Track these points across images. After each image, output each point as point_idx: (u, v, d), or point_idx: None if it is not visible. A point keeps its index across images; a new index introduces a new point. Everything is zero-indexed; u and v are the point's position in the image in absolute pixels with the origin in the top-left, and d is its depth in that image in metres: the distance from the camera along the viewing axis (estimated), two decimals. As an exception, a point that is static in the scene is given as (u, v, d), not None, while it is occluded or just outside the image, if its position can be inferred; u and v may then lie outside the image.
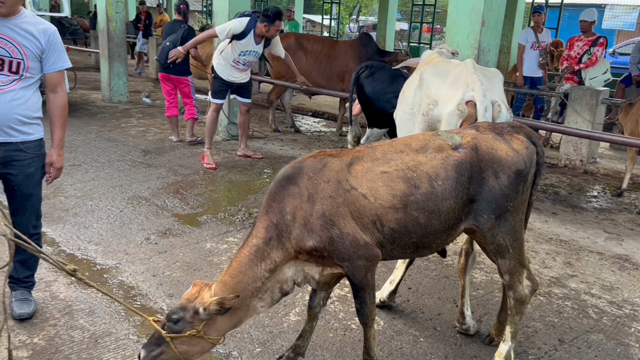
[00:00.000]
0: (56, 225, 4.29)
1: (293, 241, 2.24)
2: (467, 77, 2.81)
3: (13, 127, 2.78)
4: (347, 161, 2.32)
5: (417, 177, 2.27)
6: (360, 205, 2.24)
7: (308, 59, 8.11)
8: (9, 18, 2.72)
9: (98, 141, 7.05)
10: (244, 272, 2.24)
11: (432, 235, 2.33)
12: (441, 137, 2.39)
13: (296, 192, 2.25)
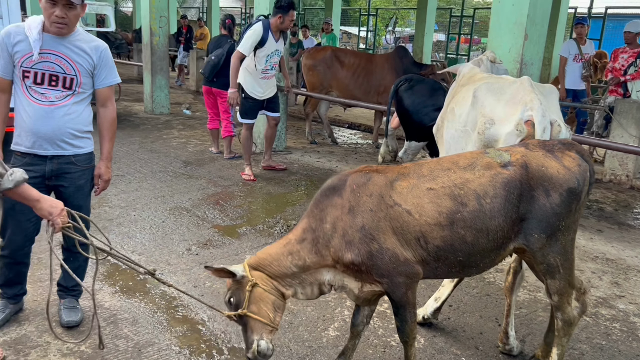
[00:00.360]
0: (100, 234, 4.40)
1: (331, 249, 2.30)
2: (524, 96, 2.76)
3: (66, 140, 2.88)
4: (392, 177, 2.33)
5: (465, 194, 2.25)
6: (404, 221, 2.23)
7: (345, 72, 8.16)
8: (65, 36, 2.83)
9: (141, 152, 7.24)
10: (272, 256, 2.40)
11: (479, 254, 2.29)
12: (489, 154, 2.36)
13: (338, 203, 2.31)
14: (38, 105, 2.81)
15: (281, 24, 5.83)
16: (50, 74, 2.80)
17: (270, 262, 2.39)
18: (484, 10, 21.18)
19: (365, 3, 25.76)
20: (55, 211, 2.26)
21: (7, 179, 1.86)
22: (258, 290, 2.35)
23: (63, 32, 2.76)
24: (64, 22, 2.72)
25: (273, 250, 2.43)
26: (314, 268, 2.36)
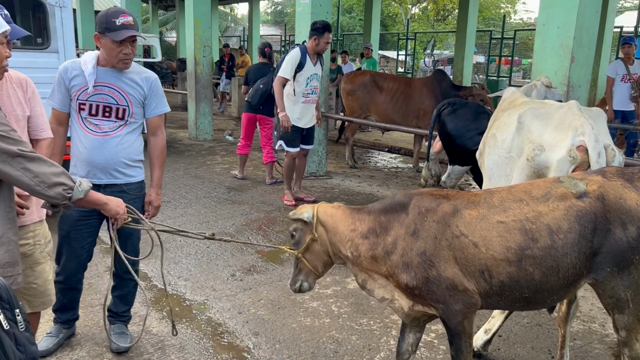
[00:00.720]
0: (148, 260, 4.49)
1: (388, 263, 2.29)
2: (574, 120, 2.70)
3: (118, 169, 2.98)
4: (462, 205, 2.25)
5: (537, 229, 2.13)
6: (469, 253, 2.16)
7: (383, 96, 8.20)
8: (118, 69, 2.95)
9: (186, 178, 7.40)
10: (338, 226, 2.44)
11: (547, 292, 2.18)
12: (564, 184, 2.23)
13: (404, 221, 2.28)
14: (93, 136, 2.92)
15: (316, 46, 5.86)
16: (104, 106, 2.92)
17: (333, 230, 2.44)
18: (525, 31, 20.94)
19: (404, 27, 25.88)
20: (121, 210, 2.44)
21: (77, 190, 1.99)
22: (316, 246, 2.47)
23: (128, 66, 2.90)
24: (129, 58, 2.86)
25: (340, 221, 2.45)
26: (368, 269, 2.39)
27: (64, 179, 1.98)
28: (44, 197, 1.99)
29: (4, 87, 2.40)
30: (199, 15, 10.10)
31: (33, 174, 1.88)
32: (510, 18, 30.63)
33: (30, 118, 2.52)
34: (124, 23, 2.78)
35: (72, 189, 1.99)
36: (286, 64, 5.84)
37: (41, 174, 1.90)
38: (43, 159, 1.93)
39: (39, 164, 1.90)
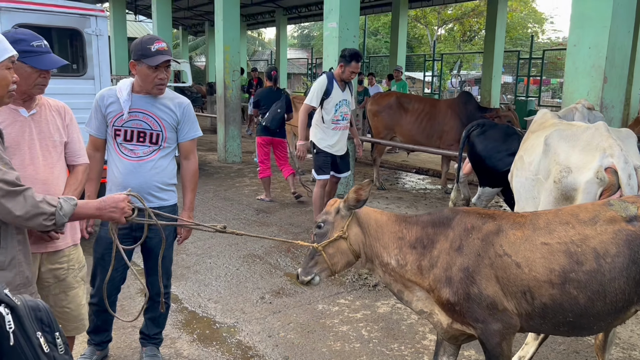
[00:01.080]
0: (179, 282, 4.56)
1: (431, 276, 2.27)
2: (602, 142, 2.66)
3: (152, 193, 3.04)
4: (507, 225, 2.25)
5: (582, 252, 2.10)
6: (511, 273, 2.15)
7: (408, 117, 8.21)
8: (152, 95, 3.03)
9: (215, 200, 7.49)
10: (383, 232, 2.40)
11: (593, 317, 2.12)
12: (614, 207, 2.19)
13: (450, 235, 2.29)
14: (127, 160, 2.99)
15: (342, 74, 5.70)
16: (138, 131, 3.00)
17: (377, 235, 2.40)
18: (553, 51, 20.74)
19: (430, 49, 25.94)
20: (117, 214, 2.21)
21: (59, 215, 1.94)
22: (343, 244, 2.41)
23: (163, 91, 2.98)
24: (164, 83, 2.95)
25: (386, 227, 2.41)
26: (408, 278, 2.35)
27: (43, 207, 1.90)
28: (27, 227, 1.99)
29: (42, 114, 2.49)
30: (228, 40, 10.32)
31: (6, 211, 1.85)
32: (538, 38, 30.42)
33: (68, 144, 2.60)
34: (158, 49, 2.87)
35: (54, 215, 1.93)
36: (312, 92, 5.72)
37: (15, 209, 1.85)
38: (17, 192, 1.86)
39: (12, 200, 1.84)
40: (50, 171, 2.47)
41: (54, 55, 2.43)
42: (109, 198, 2.21)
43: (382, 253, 2.39)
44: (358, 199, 2.40)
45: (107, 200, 2.19)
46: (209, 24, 24.64)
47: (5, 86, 1.93)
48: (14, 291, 1.96)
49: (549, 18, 33.31)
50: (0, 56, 1.90)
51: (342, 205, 2.44)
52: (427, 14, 29.29)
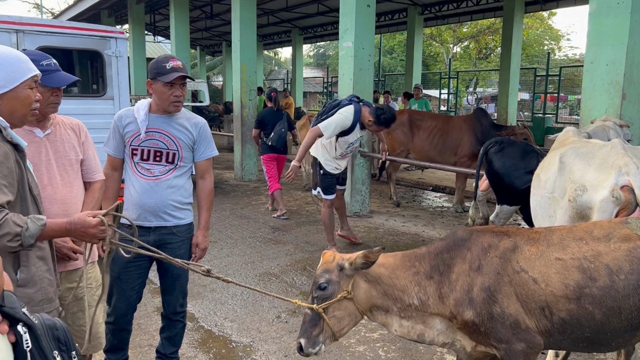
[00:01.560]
0: (195, 300, 4.56)
1: (452, 301, 2.24)
2: (617, 160, 2.63)
3: (168, 212, 3.06)
4: (521, 241, 2.25)
5: (595, 268, 2.10)
6: (529, 289, 2.14)
7: (421, 134, 8.20)
8: (168, 115, 3.06)
9: (232, 218, 7.52)
10: (397, 276, 2.33)
11: (610, 333, 2.11)
12: (630, 225, 2.19)
13: (467, 256, 2.27)
14: (144, 180, 3.02)
15: (370, 127, 5.57)
16: (155, 151, 3.03)
17: (392, 282, 2.31)
18: (570, 68, 20.61)
19: (445, 66, 25.97)
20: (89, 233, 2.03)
21: (25, 236, 1.85)
22: (350, 305, 2.28)
23: (179, 108, 3.01)
24: (179, 100, 2.98)
25: (398, 270, 2.32)
26: (430, 312, 2.29)
27: (7, 227, 1.82)
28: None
29: (57, 133, 2.53)
30: (245, 60, 10.46)
31: None
32: (555, 55, 30.30)
33: (84, 161, 2.64)
34: (173, 66, 2.91)
35: (20, 235, 1.84)
36: (333, 124, 5.36)
37: None
38: None
39: None
40: (69, 190, 2.50)
41: (64, 72, 2.45)
42: (79, 220, 2.02)
43: (402, 297, 2.30)
44: (366, 263, 2.28)
45: (76, 223, 2.01)
46: (226, 44, 25.03)
47: (28, 105, 1.97)
48: (36, 307, 1.99)
49: (566, 35, 33.17)
50: (24, 75, 1.94)
51: (348, 265, 2.29)
52: (442, 32, 29.39)
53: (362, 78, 7.63)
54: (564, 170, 2.85)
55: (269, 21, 20.54)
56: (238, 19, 10.38)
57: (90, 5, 17.40)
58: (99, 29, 5.84)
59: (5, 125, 1.86)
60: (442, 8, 16.18)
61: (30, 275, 1.98)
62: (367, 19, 7.54)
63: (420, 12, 16.65)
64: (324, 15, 18.78)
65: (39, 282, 2.02)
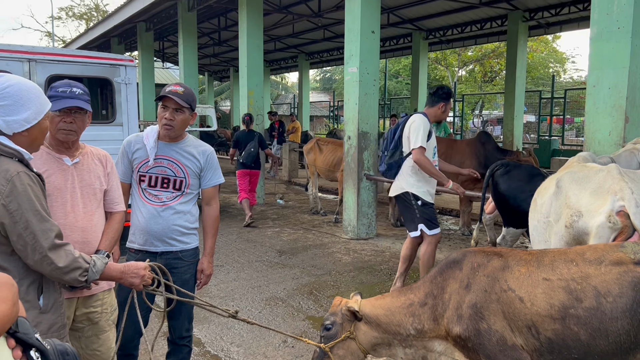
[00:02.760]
0: (202, 325, 4.56)
1: (445, 320, 2.35)
2: (613, 185, 2.64)
3: (174, 237, 3.09)
4: (513, 262, 2.32)
5: (582, 290, 2.12)
6: (515, 307, 2.20)
7: None
8: (176, 142, 3.11)
9: (238, 242, 7.54)
10: (392, 313, 2.49)
11: (597, 355, 2.11)
12: (625, 249, 2.18)
13: (458, 276, 2.38)
14: (151, 205, 3.06)
15: (442, 113, 5.22)
16: (162, 177, 3.07)
17: (388, 319, 2.49)
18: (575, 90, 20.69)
19: (451, 89, 26.12)
20: (137, 281, 2.30)
21: (92, 272, 2.01)
22: (353, 344, 2.49)
23: (170, 133, 3.01)
24: (171, 124, 2.98)
25: (393, 306, 2.52)
26: (429, 336, 2.43)
27: (80, 262, 1.99)
28: (61, 281, 2.05)
29: (85, 162, 2.59)
30: (252, 86, 10.61)
31: (49, 261, 1.92)
32: (560, 77, 30.43)
33: (107, 192, 2.68)
34: (171, 90, 2.96)
35: (87, 271, 2.01)
36: (418, 132, 4.95)
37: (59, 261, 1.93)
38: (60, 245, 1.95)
39: (56, 252, 1.93)
40: (90, 219, 2.54)
41: (72, 99, 2.44)
42: (132, 264, 2.30)
43: (399, 330, 2.49)
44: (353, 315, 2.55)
45: (130, 266, 2.27)
46: (233, 70, 25.40)
47: (45, 134, 2.08)
48: (55, 333, 2.03)
49: (570, 58, 33.34)
50: (47, 107, 2.02)
51: (345, 311, 2.56)
52: (447, 56, 29.66)
53: (368, 102, 7.72)
54: (560, 194, 2.86)
55: (276, 47, 20.87)
56: (245, 45, 10.56)
57: (100, 33, 17.79)
58: (109, 57, 5.97)
59: (29, 157, 1.94)
60: (447, 32, 16.39)
61: (52, 301, 2.04)
62: (372, 45, 7.65)
63: (425, 36, 16.87)
64: (329, 41, 19.07)
65: (60, 308, 2.08)
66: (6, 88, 1.89)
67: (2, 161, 1.87)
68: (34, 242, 1.88)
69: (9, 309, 1.17)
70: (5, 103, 1.88)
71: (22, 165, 1.92)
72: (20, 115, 1.91)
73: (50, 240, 1.90)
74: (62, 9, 39.93)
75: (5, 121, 1.89)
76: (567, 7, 13.18)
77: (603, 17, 4.44)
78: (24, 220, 1.87)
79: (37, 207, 1.90)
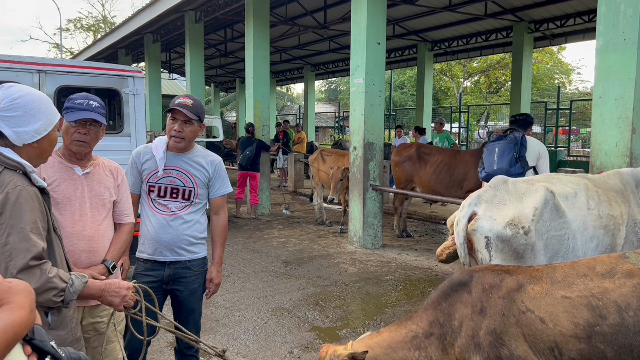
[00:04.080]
0: (208, 335, 4.56)
1: (457, 349, 2.19)
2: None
3: (183, 247, 3.11)
4: (524, 280, 2.21)
5: (604, 305, 2.06)
6: (537, 329, 2.10)
7: (427, 168, 8.24)
8: (185, 153, 3.14)
9: (244, 252, 7.55)
10: (393, 349, 2.27)
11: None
12: (630, 259, 2.17)
13: (469, 300, 2.21)
14: (160, 215, 3.08)
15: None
16: (171, 188, 3.09)
17: (390, 358, 2.27)
18: (581, 101, 20.68)
19: (456, 100, 26.17)
20: (117, 300, 2.14)
21: (69, 292, 1.91)
22: None
23: (179, 145, 3.05)
24: (180, 136, 3.02)
25: (393, 342, 2.29)
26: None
27: (56, 282, 1.86)
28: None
29: (96, 173, 2.62)
30: (258, 97, 10.68)
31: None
32: (566, 88, 30.41)
33: (117, 203, 2.70)
34: (180, 102, 2.99)
35: (64, 291, 1.90)
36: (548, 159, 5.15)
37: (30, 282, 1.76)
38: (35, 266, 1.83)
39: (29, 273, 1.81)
40: (97, 228, 2.56)
41: (88, 112, 2.49)
42: (114, 282, 2.15)
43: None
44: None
45: (112, 284, 2.13)
46: (239, 81, 25.55)
47: (54, 145, 2.06)
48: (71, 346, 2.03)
49: (576, 69, 33.34)
50: (56, 118, 2.03)
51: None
52: (452, 67, 29.73)
53: (373, 113, 7.75)
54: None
55: (282, 58, 20.99)
56: (252, 56, 10.64)
57: (108, 44, 17.96)
58: (118, 68, 6.02)
59: (32, 170, 1.92)
60: (452, 44, 16.45)
61: (61, 318, 2.03)
62: (378, 57, 7.70)
63: (430, 48, 16.94)
64: (335, 52, 19.16)
65: (69, 324, 2.07)
66: (17, 99, 1.88)
67: (5, 174, 1.84)
68: (9, 260, 1.80)
69: (27, 315, 1.19)
70: (16, 114, 1.86)
71: (25, 178, 1.88)
72: (31, 127, 1.90)
73: (24, 261, 1.80)
74: (71, 21, 40.34)
75: (16, 132, 1.87)
76: (572, 18, 13.21)
77: (609, 29, 4.46)
78: (5, 235, 1.80)
79: (23, 224, 1.82)
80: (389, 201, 11.48)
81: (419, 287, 5.96)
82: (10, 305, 1.17)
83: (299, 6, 13.45)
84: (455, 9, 12.78)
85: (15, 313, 1.16)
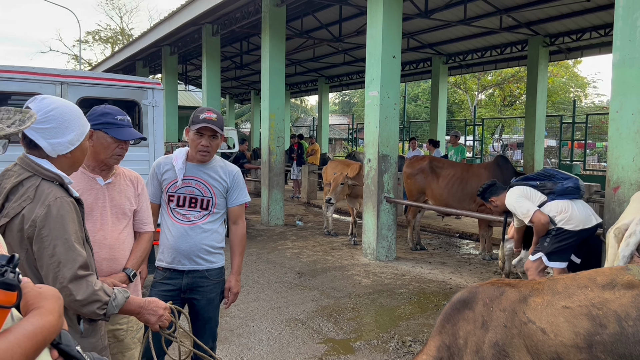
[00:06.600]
0: (222, 345, 4.58)
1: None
2: None
3: (201, 256, 3.15)
4: (526, 292, 2.24)
5: (604, 315, 2.10)
6: (538, 339, 2.13)
7: (439, 181, 8.25)
8: (204, 163, 3.20)
9: (258, 263, 7.59)
10: None
11: None
12: (632, 271, 2.20)
13: (470, 317, 2.25)
14: (180, 224, 3.14)
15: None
16: (190, 197, 3.15)
17: None
18: (597, 115, 20.54)
19: (470, 113, 26.12)
20: (153, 319, 2.15)
21: (111, 305, 1.94)
22: None
23: (206, 159, 3.13)
24: (207, 151, 3.10)
25: None
26: None
27: (100, 295, 1.91)
28: (79, 313, 1.98)
29: (117, 183, 2.68)
30: (273, 109, 10.78)
31: (67, 293, 1.85)
32: (581, 102, 30.21)
33: (137, 212, 2.76)
34: (206, 117, 3.05)
35: (107, 304, 1.93)
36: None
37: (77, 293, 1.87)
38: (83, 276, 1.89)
39: (77, 284, 1.87)
40: (117, 237, 2.62)
41: (133, 129, 2.65)
42: (153, 301, 2.18)
43: None
44: None
45: (151, 302, 2.15)
46: (254, 93, 25.78)
47: (85, 156, 2.11)
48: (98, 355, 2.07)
49: (592, 82, 33.10)
50: (87, 128, 2.08)
51: None
52: (466, 80, 29.72)
53: (388, 126, 7.79)
54: None
55: (297, 70, 21.15)
56: (267, 69, 10.76)
57: (126, 56, 18.26)
58: (137, 80, 6.14)
59: (69, 182, 1.98)
60: (466, 57, 16.47)
61: (93, 326, 2.07)
62: (393, 70, 7.76)
63: (445, 61, 16.97)
64: (349, 65, 19.28)
65: (99, 331, 2.11)
66: (51, 111, 1.92)
67: (43, 185, 1.89)
68: (57, 270, 1.85)
69: (56, 320, 1.24)
70: (50, 126, 1.91)
71: (62, 189, 1.94)
72: (65, 138, 1.95)
73: (72, 271, 1.86)
74: (89, 33, 40.97)
75: (51, 144, 1.92)
76: (588, 32, 13.18)
77: (626, 44, 4.46)
78: (52, 246, 1.85)
79: (67, 234, 1.88)
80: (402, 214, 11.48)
81: (433, 300, 5.95)
82: (40, 310, 1.22)
83: (314, 19, 13.59)
84: (470, 22, 12.82)
85: (45, 318, 1.20)
